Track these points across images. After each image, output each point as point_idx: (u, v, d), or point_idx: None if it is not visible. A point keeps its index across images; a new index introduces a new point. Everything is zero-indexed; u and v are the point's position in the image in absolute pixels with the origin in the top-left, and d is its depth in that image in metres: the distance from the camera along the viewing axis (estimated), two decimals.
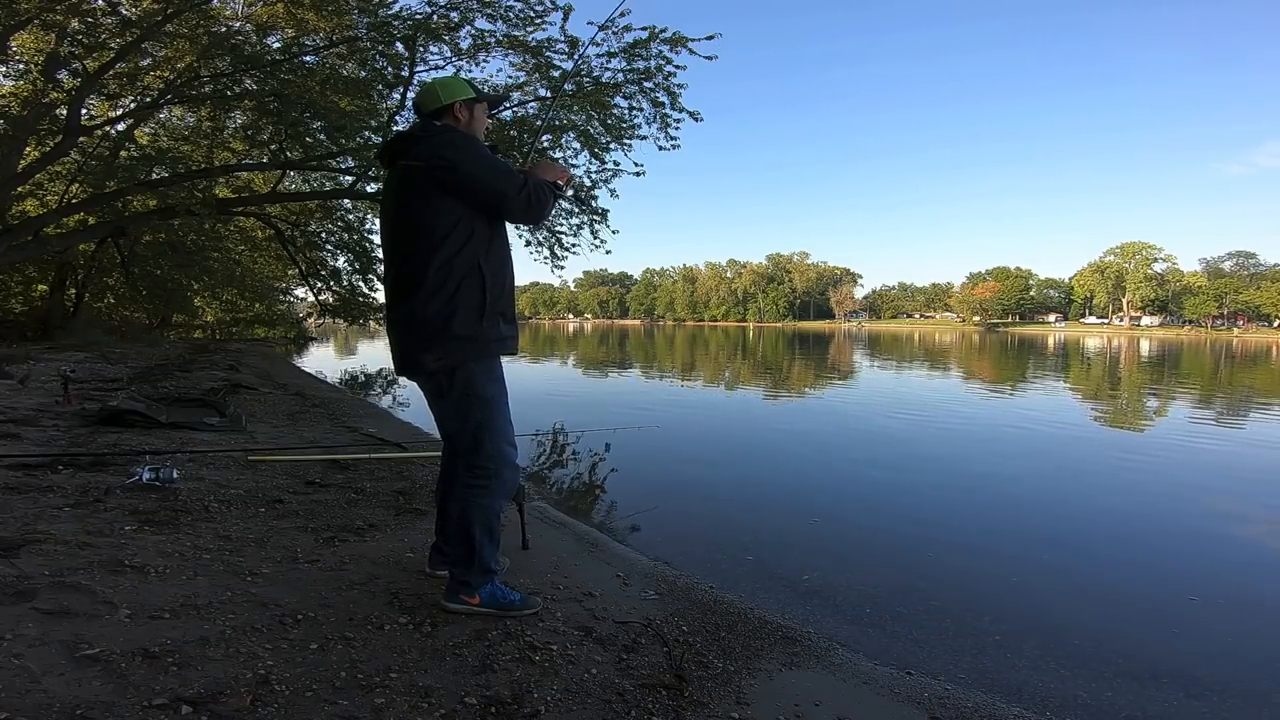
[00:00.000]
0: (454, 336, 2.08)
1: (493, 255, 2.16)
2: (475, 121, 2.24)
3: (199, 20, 9.12)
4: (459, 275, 2.08)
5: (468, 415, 2.17)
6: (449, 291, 2.07)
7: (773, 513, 4.47)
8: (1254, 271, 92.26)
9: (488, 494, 2.18)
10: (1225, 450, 7.40)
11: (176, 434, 4.74)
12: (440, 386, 2.18)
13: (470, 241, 2.10)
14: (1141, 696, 2.31)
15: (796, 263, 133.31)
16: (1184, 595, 3.28)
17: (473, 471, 2.18)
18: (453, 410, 2.20)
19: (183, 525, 2.81)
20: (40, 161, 10.60)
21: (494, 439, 2.18)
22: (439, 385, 2.18)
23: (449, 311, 2.07)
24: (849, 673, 2.17)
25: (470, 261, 2.09)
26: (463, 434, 2.20)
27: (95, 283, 15.92)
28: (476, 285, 2.10)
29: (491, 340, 2.15)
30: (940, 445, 7.24)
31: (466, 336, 2.09)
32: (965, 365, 21.38)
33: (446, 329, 2.08)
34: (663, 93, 9.37)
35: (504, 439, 2.21)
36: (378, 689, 1.73)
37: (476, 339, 2.11)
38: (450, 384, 2.15)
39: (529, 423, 7.15)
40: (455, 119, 2.21)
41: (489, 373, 2.18)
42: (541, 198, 2.16)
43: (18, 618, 1.88)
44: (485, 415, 2.17)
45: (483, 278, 2.11)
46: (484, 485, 2.17)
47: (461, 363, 2.12)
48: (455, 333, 2.08)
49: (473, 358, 2.13)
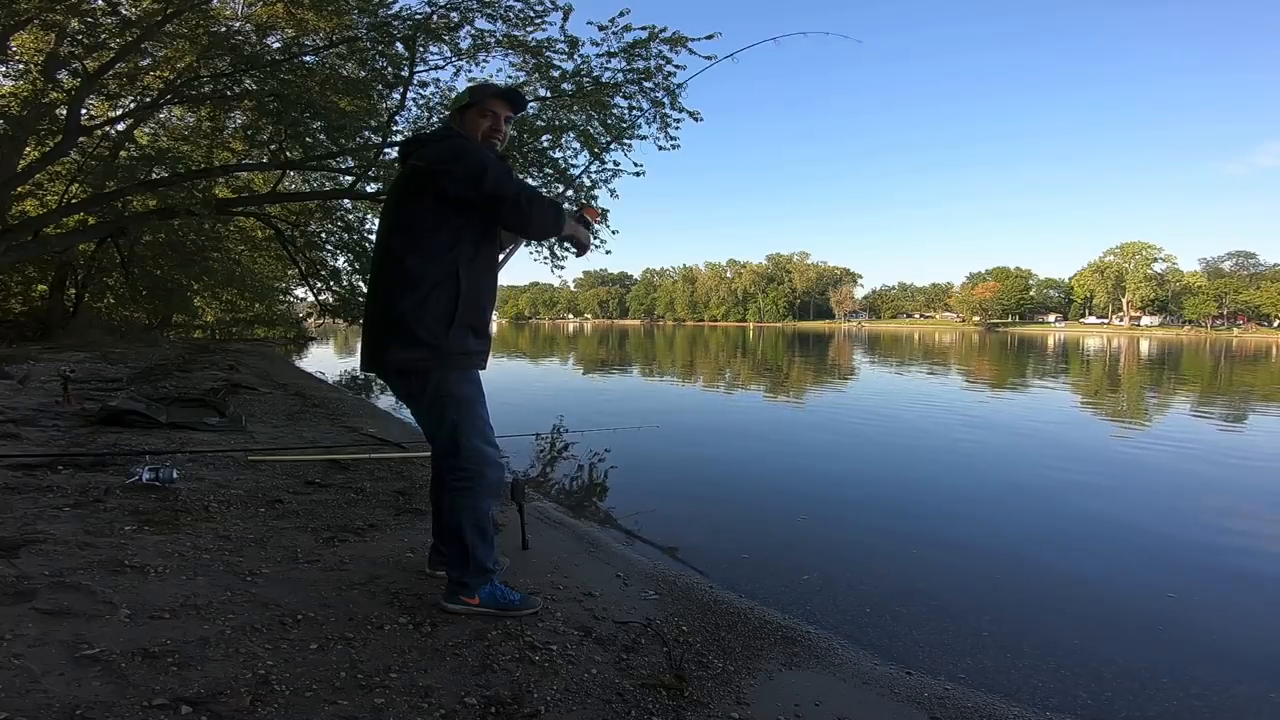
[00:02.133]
0: (417, 341, 2.05)
1: (475, 265, 2.13)
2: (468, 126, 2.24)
3: (199, 20, 9.11)
4: (433, 279, 2.05)
5: (442, 417, 2.15)
6: (420, 294, 2.05)
7: (773, 512, 4.47)
8: (1254, 271, 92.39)
9: (472, 494, 2.16)
10: (1226, 451, 7.40)
11: (176, 434, 4.74)
12: (410, 389, 2.16)
13: (454, 249, 2.08)
14: (1141, 696, 2.31)
15: (796, 263, 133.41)
16: (1184, 595, 3.27)
17: (455, 473, 2.16)
18: (427, 412, 2.19)
19: (183, 525, 2.81)
20: (40, 161, 10.60)
21: (471, 438, 2.15)
22: (409, 388, 2.16)
23: (416, 315, 2.05)
24: (849, 673, 2.17)
25: (448, 268, 2.07)
26: (439, 436, 2.19)
27: (95, 283, 15.88)
28: (449, 292, 2.07)
29: (456, 352, 2.10)
30: (940, 445, 7.23)
31: (429, 344, 2.06)
32: (965, 365, 21.38)
33: (410, 332, 2.05)
34: (662, 92, 9.37)
35: (481, 438, 2.18)
36: (378, 689, 1.73)
37: (439, 349, 2.07)
38: (423, 387, 2.13)
39: (529, 423, 7.17)
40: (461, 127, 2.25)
41: (462, 375, 2.16)
42: (535, 207, 2.10)
43: (18, 618, 1.88)
44: (460, 415, 2.14)
45: (458, 286, 2.07)
46: (468, 486, 2.15)
47: (428, 370, 2.09)
48: (419, 338, 2.05)
49: (435, 367, 2.09)
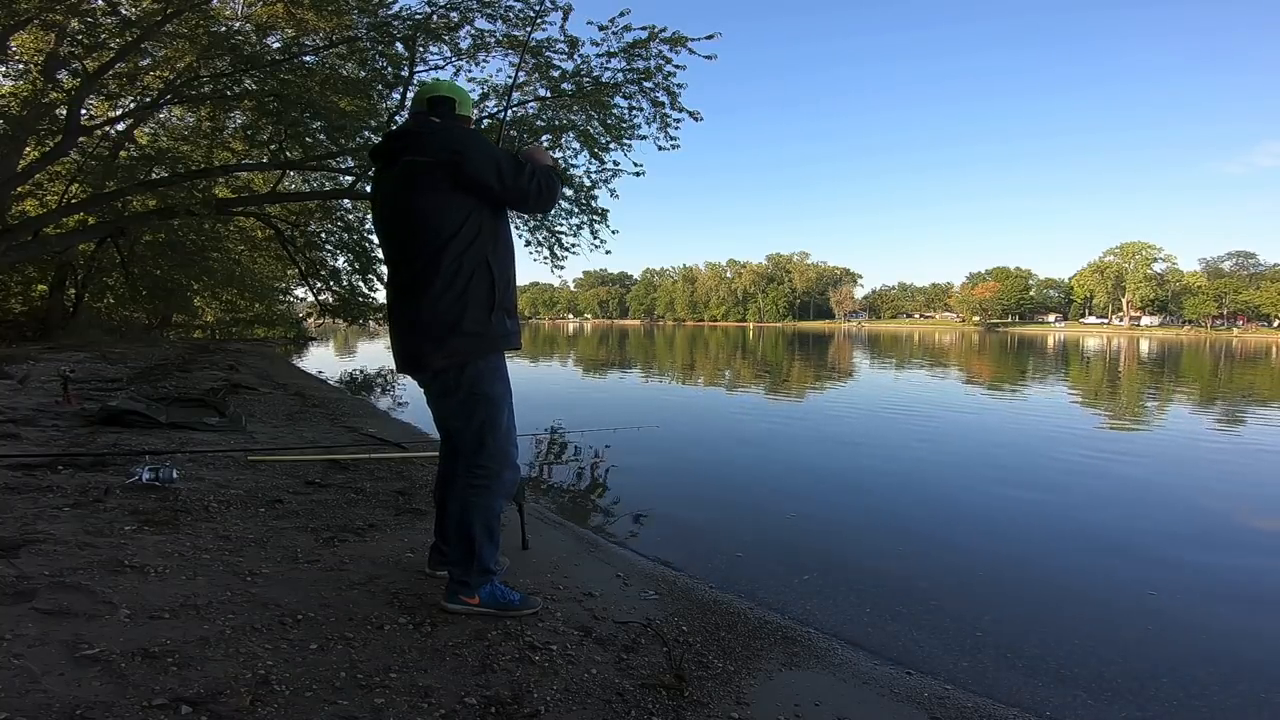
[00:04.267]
0: (464, 333, 2.09)
1: (499, 250, 2.17)
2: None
3: (199, 20, 9.11)
4: (469, 271, 2.08)
5: (473, 413, 2.18)
6: (459, 288, 2.08)
7: (773, 513, 4.46)
8: (1253, 271, 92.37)
9: (488, 494, 2.18)
10: (1228, 450, 7.40)
11: (176, 434, 4.74)
12: (446, 385, 2.18)
13: (479, 236, 2.11)
14: (1142, 696, 2.31)
15: (796, 263, 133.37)
16: (1184, 596, 3.27)
17: (474, 471, 2.19)
18: (458, 408, 2.20)
19: (182, 525, 2.81)
20: (40, 161, 10.59)
21: (498, 438, 2.19)
22: (445, 383, 2.18)
23: (460, 308, 2.08)
24: (849, 673, 2.17)
25: (479, 257, 2.10)
26: (466, 432, 2.21)
27: (95, 283, 15.89)
28: (485, 281, 2.11)
29: (499, 335, 2.16)
30: (941, 445, 7.23)
31: (476, 333, 2.10)
32: (965, 366, 21.38)
33: (458, 326, 2.08)
34: (662, 92, 9.37)
35: (507, 439, 2.22)
36: (378, 689, 1.73)
37: (485, 335, 2.12)
38: (458, 382, 2.15)
39: (529, 423, 7.15)
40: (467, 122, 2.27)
41: (495, 371, 2.19)
42: (551, 183, 2.20)
43: (18, 618, 1.88)
44: (490, 414, 2.18)
45: (491, 273, 2.12)
46: (485, 485, 2.18)
47: (470, 360, 2.13)
48: (466, 329, 2.09)
49: (481, 354, 2.13)
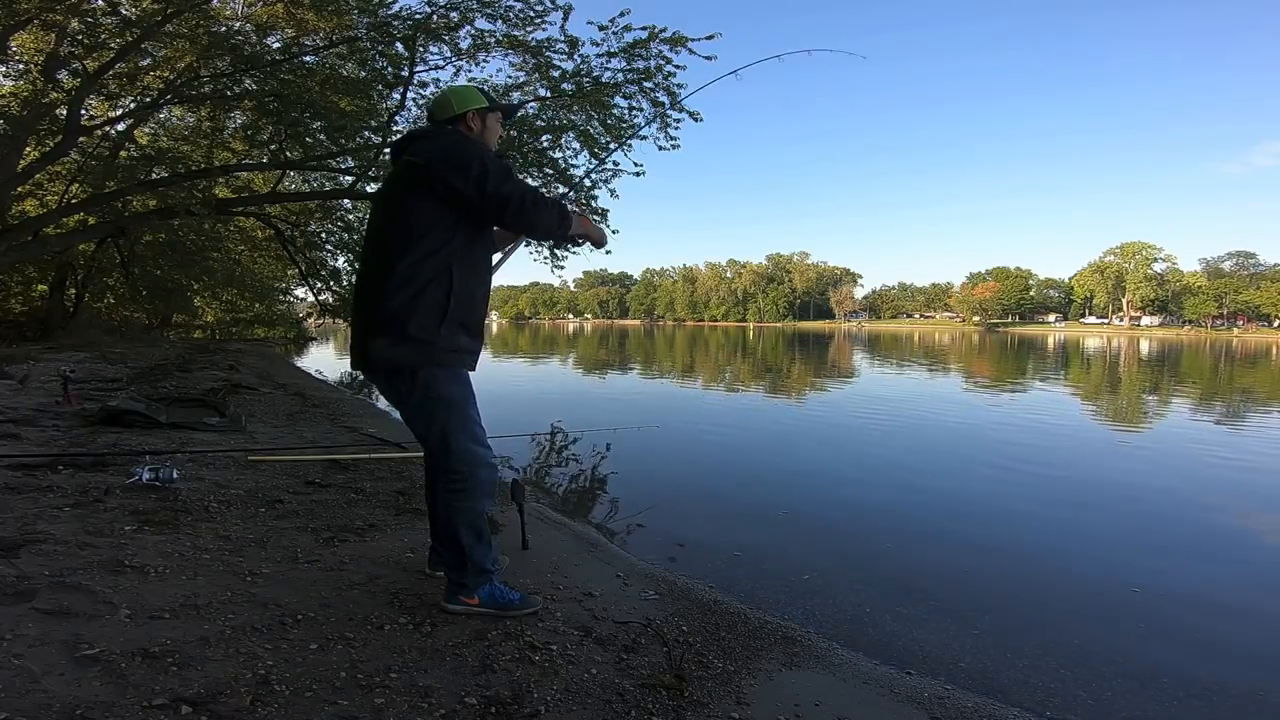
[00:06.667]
0: (409, 338, 2.04)
1: (468, 262, 2.12)
2: (488, 131, 2.27)
3: (199, 20, 9.10)
4: (426, 276, 2.04)
5: (431, 418, 2.14)
6: (412, 291, 2.03)
7: (773, 513, 4.46)
8: (1254, 271, 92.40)
9: (465, 496, 2.15)
10: (1228, 450, 7.39)
11: (176, 434, 4.74)
12: (400, 390, 2.14)
13: (448, 245, 2.06)
14: (1142, 696, 2.31)
15: (796, 263, 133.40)
16: (1184, 596, 3.27)
17: (448, 476, 2.15)
18: (416, 413, 2.17)
19: (183, 525, 2.81)
20: (40, 161, 10.59)
21: (462, 440, 2.14)
22: (398, 388, 2.14)
23: (407, 312, 2.03)
24: (849, 673, 2.17)
25: (441, 264, 2.05)
26: (430, 437, 2.18)
27: (95, 283, 15.89)
28: (442, 290, 2.05)
29: (448, 349, 2.09)
30: (941, 445, 7.24)
31: (423, 340, 2.05)
32: (965, 366, 21.38)
33: (404, 330, 2.03)
34: (662, 93, 9.38)
35: (472, 439, 2.16)
36: (378, 689, 1.73)
37: (432, 344, 2.06)
38: (410, 388, 2.11)
39: (529, 423, 7.18)
40: (468, 128, 2.22)
41: (451, 375, 2.14)
42: (541, 209, 2.10)
43: (18, 618, 1.88)
44: (449, 417, 2.13)
45: (450, 282, 2.06)
46: (460, 488, 2.14)
47: (419, 367, 2.08)
48: (411, 335, 2.03)
49: (424, 365, 2.08)
